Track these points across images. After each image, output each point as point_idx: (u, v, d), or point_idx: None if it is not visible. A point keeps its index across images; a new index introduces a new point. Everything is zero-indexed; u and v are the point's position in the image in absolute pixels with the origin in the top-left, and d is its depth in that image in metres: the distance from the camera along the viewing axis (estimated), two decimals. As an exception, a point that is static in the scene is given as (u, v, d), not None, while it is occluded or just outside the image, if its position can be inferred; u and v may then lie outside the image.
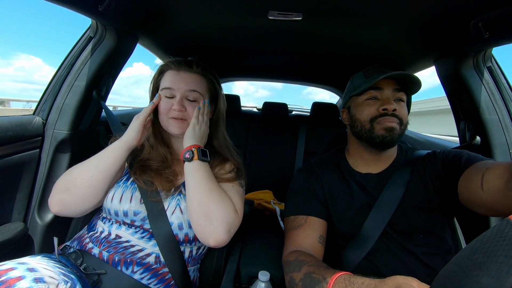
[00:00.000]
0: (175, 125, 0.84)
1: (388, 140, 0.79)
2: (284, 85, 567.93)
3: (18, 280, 0.56)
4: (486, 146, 1.03)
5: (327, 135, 1.30)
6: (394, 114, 0.79)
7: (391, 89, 0.82)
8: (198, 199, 0.74)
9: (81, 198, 0.77)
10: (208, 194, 0.75)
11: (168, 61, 0.88)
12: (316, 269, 0.64)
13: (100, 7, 0.87)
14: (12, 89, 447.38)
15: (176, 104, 0.82)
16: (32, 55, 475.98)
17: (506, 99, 1.04)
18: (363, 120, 0.83)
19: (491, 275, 0.34)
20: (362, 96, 0.84)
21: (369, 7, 0.90)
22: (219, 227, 0.72)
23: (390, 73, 0.79)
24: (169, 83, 0.84)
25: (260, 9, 0.97)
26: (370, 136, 0.81)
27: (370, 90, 0.83)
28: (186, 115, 0.84)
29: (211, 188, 0.76)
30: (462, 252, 0.40)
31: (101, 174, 0.78)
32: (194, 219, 0.74)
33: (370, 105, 0.82)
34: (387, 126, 0.79)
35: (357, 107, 0.85)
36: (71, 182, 0.77)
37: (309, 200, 0.87)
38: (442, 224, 0.79)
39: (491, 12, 0.78)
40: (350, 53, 1.41)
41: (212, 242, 0.72)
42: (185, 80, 0.84)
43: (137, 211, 0.79)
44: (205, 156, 0.80)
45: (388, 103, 0.80)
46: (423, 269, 0.75)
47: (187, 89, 0.84)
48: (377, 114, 0.80)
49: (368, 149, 0.86)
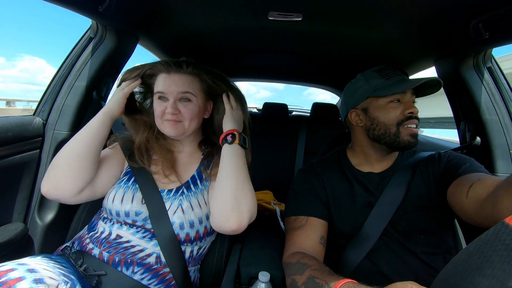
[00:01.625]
0: (170, 127, 0.84)
1: (413, 145, 0.81)
2: (285, 86, 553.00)
3: (18, 281, 0.56)
4: (486, 147, 1.03)
5: (327, 135, 1.30)
6: (416, 117, 0.81)
7: (410, 92, 0.83)
8: (234, 182, 0.76)
9: (68, 172, 0.76)
10: (243, 179, 0.77)
11: (157, 63, 0.87)
12: (320, 273, 0.63)
13: (101, 8, 0.87)
14: (16, 90, 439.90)
15: (170, 107, 0.82)
16: (36, 57, 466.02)
17: (506, 100, 1.04)
18: (389, 124, 0.81)
19: (487, 277, 0.34)
20: (384, 99, 0.82)
21: (369, 8, 0.91)
22: (245, 214, 0.74)
23: (424, 79, 0.79)
24: (161, 87, 0.84)
25: (260, 10, 0.97)
26: (395, 140, 0.81)
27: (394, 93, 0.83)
28: (181, 116, 0.84)
29: (245, 175, 0.78)
30: (459, 256, 0.40)
31: (85, 144, 0.78)
32: (223, 201, 0.75)
33: (395, 108, 0.81)
34: (413, 133, 0.81)
35: (380, 109, 0.83)
36: (58, 158, 0.78)
37: (311, 200, 0.87)
38: (443, 224, 0.80)
39: (491, 12, 0.78)
40: (350, 53, 1.42)
41: (234, 225, 0.73)
42: (176, 82, 0.84)
43: (138, 211, 0.79)
44: (244, 143, 0.84)
45: (411, 106, 0.81)
46: (424, 269, 0.75)
47: (179, 91, 0.83)
48: (403, 117, 0.80)
49: (381, 151, 0.86)
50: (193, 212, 0.81)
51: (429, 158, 0.86)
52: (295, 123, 2.18)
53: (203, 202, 0.85)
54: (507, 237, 0.35)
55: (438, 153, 0.86)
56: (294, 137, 2.09)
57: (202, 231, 0.83)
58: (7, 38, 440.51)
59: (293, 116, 2.41)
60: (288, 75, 2.30)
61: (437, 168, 0.82)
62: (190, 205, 0.82)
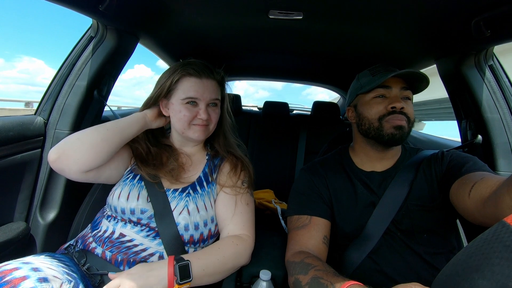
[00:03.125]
0: (199, 131, 0.86)
1: (397, 137, 0.80)
2: (284, 86, 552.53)
3: (22, 280, 0.56)
4: (488, 145, 1.03)
5: (328, 134, 1.30)
6: (402, 112, 0.80)
7: (398, 87, 0.82)
8: (220, 274, 0.77)
9: (86, 151, 0.75)
10: (224, 267, 0.76)
11: (186, 66, 0.85)
12: (324, 274, 0.63)
13: (101, 7, 0.87)
14: (15, 91, 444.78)
15: (203, 113, 0.84)
16: (34, 58, 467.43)
17: (507, 98, 1.03)
18: (371, 118, 0.83)
19: (487, 278, 0.34)
20: (369, 94, 0.84)
21: (370, 6, 0.90)
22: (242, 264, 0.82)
23: (398, 71, 0.79)
24: (193, 93, 0.83)
25: (261, 9, 0.97)
26: (379, 134, 0.81)
27: (378, 88, 0.83)
28: (209, 120, 0.87)
29: (221, 262, 0.75)
30: (458, 256, 0.40)
31: (113, 134, 0.79)
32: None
33: (379, 103, 0.82)
34: (396, 125, 0.79)
35: (365, 105, 0.85)
36: (83, 134, 0.77)
37: (314, 200, 0.87)
38: (446, 223, 0.79)
39: (493, 10, 0.78)
40: (351, 52, 1.41)
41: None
42: (208, 89, 0.85)
43: (144, 209, 0.79)
44: (186, 275, 0.68)
45: (396, 101, 0.80)
46: (426, 269, 0.75)
47: (211, 98, 0.86)
48: (386, 112, 0.81)
49: (375, 146, 0.86)
50: (198, 214, 0.81)
51: (432, 157, 0.85)
52: (296, 121, 2.17)
53: (209, 204, 0.85)
54: (508, 237, 0.34)
55: (441, 151, 0.86)
56: (295, 135, 2.09)
57: (206, 234, 0.83)
58: (5, 39, 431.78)
59: (294, 115, 2.41)
60: (289, 74, 2.30)
61: (439, 167, 0.82)
62: (196, 207, 0.82)
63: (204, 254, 0.74)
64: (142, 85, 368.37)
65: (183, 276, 0.66)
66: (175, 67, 0.87)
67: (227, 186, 0.88)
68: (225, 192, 0.87)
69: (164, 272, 0.65)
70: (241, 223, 0.85)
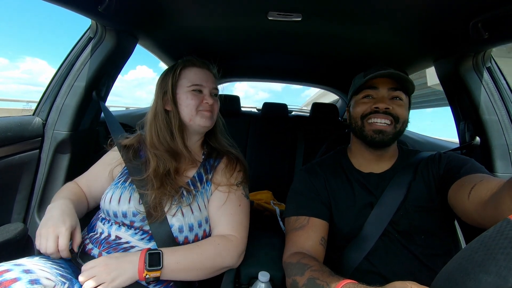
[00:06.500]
0: (206, 117, 0.88)
1: (377, 140, 0.81)
2: (283, 88, 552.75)
3: (13, 282, 0.55)
4: (486, 147, 1.03)
5: (327, 135, 1.30)
6: (386, 112, 0.80)
7: (386, 88, 0.83)
8: (198, 271, 0.76)
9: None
10: (201, 265, 0.76)
11: (190, 58, 0.92)
12: (320, 274, 0.63)
13: (100, 8, 0.87)
14: (16, 91, 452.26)
15: (208, 98, 0.88)
16: (37, 58, 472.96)
17: (505, 100, 1.04)
18: (355, 117, 0.86)
19: (491, 274, 0.34)
20: (359, 95, 0.86)
21: (368, 8, 0.91)
22: (227, 265, 0.81)
23: (378, 72, 0.80)
24: (198, 80, 0.89)
25: (260, 10, 0.97)
26: (362, 134, 0.84)
27: (366, 89, 0.85)
28: (213, 107, 0.90)
29: (198, 259, 0.75)
30: (462, 252, 0.40)
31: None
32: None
33: (365, 103, 0.84)
34: (375, 129, 0.81)
35: (354, 105, 0.87)
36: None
37: (312, 200, 0.87)
38: (444, 225, 0.79)
39: (491, 12, 0.78)
40: (349, 53, 1.42)
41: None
42: (210, 78, 0.92)
43: (135, 212, 0.79)
44: (155, 263, 0.70)
45: (381, 101, 0.81)
46: (423, 271, 0.75)
47: (213, 86, 0.91)
48: (369, 111, 0.82)
49: (367, 147, 0.87)
50: (192, 215, 0.81)
51: (429, 159, 0.86)
52: (295, 123, 2.17)
53: (202, 205, 0.84)
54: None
55: (438, 153, 0.86)
56: (294, 137, 2.09)
57: (201, 235, 0.82)
58: (9, 40, 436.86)
59: (293, 116, 2.41)
60: (288, 75, 2.30)
61: (437, 168, 0.82)
62: (190, 208, 0.81)
63: (182, 249, 0.76)
64: (143, 86, 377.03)
65: (152, 264, 0.69)
66: (174, 65, 0.92)
67: (222, 185, 0.88)
68: (219, 191, 0.87)
69: (137, 258, 0.70)
70: (230, 224, 0.84)
